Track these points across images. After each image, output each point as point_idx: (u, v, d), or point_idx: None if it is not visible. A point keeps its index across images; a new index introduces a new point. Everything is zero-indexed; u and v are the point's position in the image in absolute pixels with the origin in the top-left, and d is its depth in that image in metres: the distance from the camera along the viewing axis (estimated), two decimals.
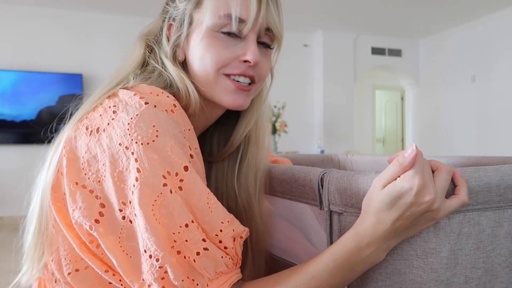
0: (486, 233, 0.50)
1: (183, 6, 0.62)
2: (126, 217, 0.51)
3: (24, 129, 4.56)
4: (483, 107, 5.20)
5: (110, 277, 0.54)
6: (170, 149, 0.50)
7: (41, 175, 0.58)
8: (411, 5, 4.74)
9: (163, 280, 0.50)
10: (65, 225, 0.54)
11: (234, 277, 0.53)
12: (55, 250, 0.56)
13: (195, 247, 0.50)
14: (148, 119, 0.51)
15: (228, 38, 0.60)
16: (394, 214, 0.46)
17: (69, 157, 0.54)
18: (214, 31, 0.59)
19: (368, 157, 1.08)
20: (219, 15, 0.59)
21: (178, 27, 0.63)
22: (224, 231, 0.52)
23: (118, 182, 0.50)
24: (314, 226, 0.59)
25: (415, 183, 0.44)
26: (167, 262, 0.49)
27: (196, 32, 0.61)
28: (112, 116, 0.53)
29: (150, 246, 0.49)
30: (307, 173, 0.58)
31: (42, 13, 4.69)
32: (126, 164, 0.50)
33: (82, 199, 0.52)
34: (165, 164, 0.50)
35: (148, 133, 0.50)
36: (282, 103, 4.80)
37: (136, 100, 0.53)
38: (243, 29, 0.59)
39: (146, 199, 0.49)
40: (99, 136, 0.52)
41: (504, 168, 0.50)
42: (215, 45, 0.60)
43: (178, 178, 0.50)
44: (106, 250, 0.52)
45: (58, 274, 0.56)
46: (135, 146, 0.50)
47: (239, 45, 0.61)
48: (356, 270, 0.50)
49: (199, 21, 0.60)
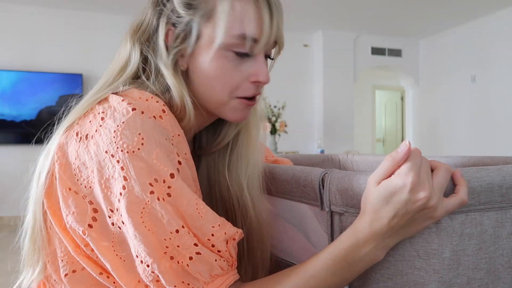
0: (489, 234, 0.49)
1: (189, 17, 0.57)
2: (115, 223, 0.51)
3: (24, 129, 4.55)
4: (483, 107, 5.20)
5: (104, 279, 0.54)
6: (156, 157, 0.50)
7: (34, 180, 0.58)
8: (411, 5, 4.74)
9: (159, 283, 0.50)
10: (60, 228, 0.54)
11: (230, 278, 0.53)
12: (51, 252, 0.56)
13: (187, 252, 0.50)
14: (134, 126, 0.50)
15: (238, 58, 0.58)
16: (389, 211, 0.45)
17: (61, 162, 0.54)
18: (225, 50, 0.57)
19: (368, 157, 1.08)
20: (232, 35, 0.56)
21: (182, 37, 0.58)
22: (215, 235, 0.52)
23: (105, 190, 0.50)
24: (315, 226, 0.59)
25: (409, 180, 0.44)
26: (157, 268, 0.49)
27: (204, 48, 0.58)
28: (100, 123, 0.52)
29: (140, 252, 0.49)
30: (308, 173, 0.58)
31: (42, 13, 4.69)
32: (112, 172, 0.50)
33: (75, 205, 0.52)
34: (151, 172, 0.50)
35: (133, 141, 0.50)
36: (282, 103, 4.80)
37: (124, 106, 0.52)
38: (255, 48, 0.58)
39: (133, 206, 0.49)
40: (87, 143, 0.52)
41: (506, 168, 0.50)
42: (227, 68, 0.58)
43: (166, 185, 0.50)
44: (99, 255, 0.52)
45: (55, 276, 0.56)
46: (121, 154, 0.49)
47: (248, 63, 0.59)
48: (355, 269, 0.50)
49: (209, 38, 0.57)
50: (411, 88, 6.45)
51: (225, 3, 0.56)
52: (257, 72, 0.59)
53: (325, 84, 5.73)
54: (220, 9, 0.56)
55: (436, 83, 5.98)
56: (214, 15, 0.57)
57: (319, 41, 5.78)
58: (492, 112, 5.10)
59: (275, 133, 4.59)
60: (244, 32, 0.57)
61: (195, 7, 0.57)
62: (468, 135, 5.43)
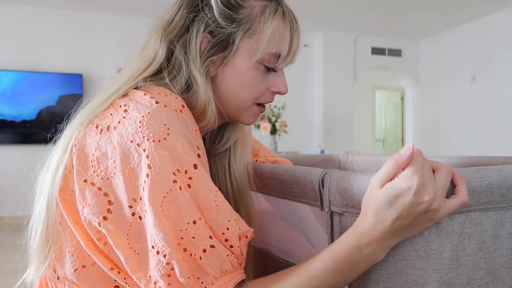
0: (488, 234, 0.49)
1: (230, 29, 0.60)
2: (136, 213, 0.52)
3: (24, 129, 4.56)
4: (483, 107, 5.20)
5: (116, 275, 0.54)
6: (181, 147, 0.52)
7: (46, 176, 0.58)
8: (411, 5, 4.74)
9: (170, 277, 0.50)
10: (73, 222, 0.55)
11: (238, 276, 0.54)
12: (58, 248, 0.57)
13: (201, 244, 0.51)
14: (159, 117, 0.52)
15: (266, 71, 0.64)
16: (393, 214, 0.45)
17: (79, 155, 0.55)
18: (259, 63, 0.63)
19: (368, 157, 1.08)
20: (269, 52, 0.62)
21: (219, 47, 0.61)
22: (230, 229, 0.53)
23: (129, 179, 0.51)
24: (315, 226, 0.59)
25: (414, 183, 0.44)
26: (174, 258, 0.50)
27: (240, 59, 0.62)
28: (123, 115, 0.54)
29: (158, 242, 0.50)
30: (307, 173, 0.58)
31: (42, 13, 4.69)
32: (138, 161, 0.51)
33: (91, 196, 0.53)
34: (175, 162, 0.51)
35: (159, 130, 0.51)
36: (282, 103, 4.80)
37: (146, 99, 0.54)
38: (281, 65, 0.65)
39: (155, 195, 0.50)
40: (109, 134, 0.54)
41: (506, 168, 0.50)
42: (257, 79, 0.63)
43: (187, 176, 0.51)
44: (114, 247, 0.52)
45: (60, 272, 0.57)
46: (147, 143, 0.51)
47: (271, 75, 0.65)
48: (356, 269, 0.50)
49: (248, 51, 0.61)
50: (411, 88, 6.45)
51: (270, 23, 0.61)
52: (279, 84, 0.66)
53: (325, 84, 5.73)
54: (265, 28, 0.61)
55: (436, 83, 5.98)
56: (258, 32, 0.61)
57: (319, 41, 5.78)
58: (492, 112, 5.10)
59: (275, 133, 4.59)
60: (280, 51, 0.63)
61: (238, 21, 0.60)
62: (468, 135, 5.43)
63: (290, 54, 0.64)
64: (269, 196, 0.69)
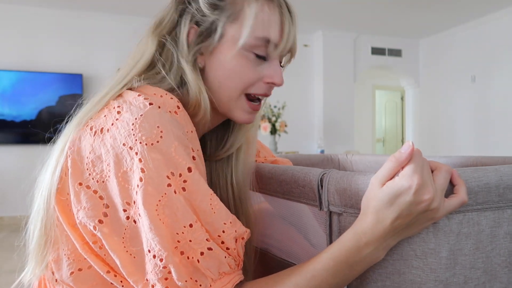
0: (486, 233, 0.50)
1: (214, 16, 0.59)
2: (130, 217, 0.51)
3: (24, 129, 4.56)
4: (483, 107, 5.20)
5: (112, 278, 0.54)
6: (174, 150, 0.51)
7: (45, 176, 0.58)
8: (411, 5, 4.74)
9: (167, 281, 0.50)
10: (68, 225, 0.55)
11: (236, 277, 0.54)
12: (55, 250, 0.56)
13: (199, 247, 0.50)
14: (152, 119, 0.51)
15: (256, 59, 0.61)
16: (393, 213, 0.45)
17: (74, 157, 0.54)
18: (247, 50, 0.60)
19: (368, 157, 1.08)
20: (256, 37, 0.59)
21: (204, 35, 0.60)
22: (226, 232, 0.52)
23: (123, 182, 0.51)
24: (314, 226, 0.59)
25: (414, 182, 0.44)
26: (171, 262, 0.49)
27: (226, 46, 0.60)
28: (116, 117, 0.53)
29: (154, 246, 0.49)
30: (306, 173, 0.58)
31: (42, 13, 4.69)
32: (130, 164, 0.50)
33: (87, 200, 0.52)
34: (169, 165, 0.50)
35: (152, 133, 0.50)
36: (282, 103, 4.80)
37: (140, 100, 0.53)
38: (273, 53, 0.61)
39: (150, 199, 0.49)
40: (103, 137, 0.53)
41: (503, 168, 0.50)
42: (245, 67, 0.61)
43: (181, 179, 0.50)
44: (109, 251, 0.52)
45: (57, 275, 0.57)
46: (139, 146, 0.50)
47: (264, 65, 0.62)
48: (356, 269, 0.50)
49: (233, 38, 0.59)
50: (411, 88, 6.45)
51: (253, 6, 0.59)
52: (272, 74, 0.62)
53: (325, 84, 5.73)
54: (248, 11, 0.59)
55: (436, 83, 5.98)
56: (241, 16, 0.59)
57: (319, 41, 5.78)
58: (492, 112, 5.10)
59: (275, 133, 4.59)
60: (268, 36, 0.60)
61: (221, 8, 0.59)
62: (468, 135, 5.43)
63: (282, 41, 0.61)
64: (268, 196, 0.69)
